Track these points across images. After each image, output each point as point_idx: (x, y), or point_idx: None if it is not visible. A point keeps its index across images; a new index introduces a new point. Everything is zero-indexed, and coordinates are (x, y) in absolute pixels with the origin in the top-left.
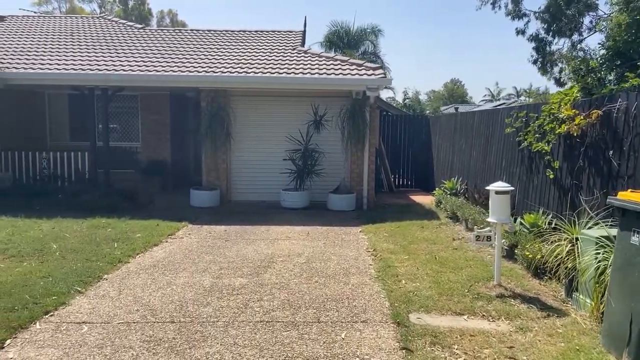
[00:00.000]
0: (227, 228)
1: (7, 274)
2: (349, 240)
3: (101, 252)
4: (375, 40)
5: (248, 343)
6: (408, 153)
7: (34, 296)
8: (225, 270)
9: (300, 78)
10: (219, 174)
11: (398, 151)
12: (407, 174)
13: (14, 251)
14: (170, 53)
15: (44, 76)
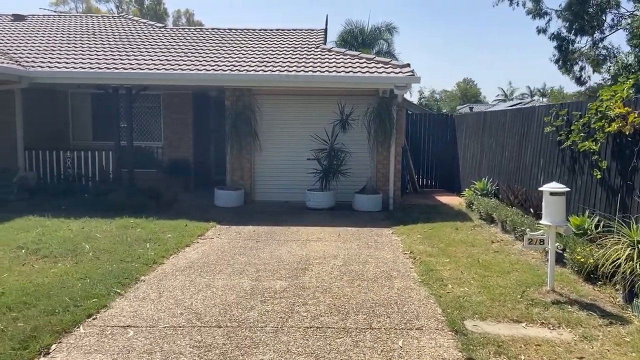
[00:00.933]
0: (256, 229)
1: (43, 276)
2: (382, 242)
3: (134, 252)
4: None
5: (302, 350)
6: (430, 152)
7: (74, 298)
8: (263, 273)
9: (327, 76)
10: (243, 174)
11: (420, 151)
12: (430, 174)
13: (46, 251)
14: (194, 52)
15: (70, 75)
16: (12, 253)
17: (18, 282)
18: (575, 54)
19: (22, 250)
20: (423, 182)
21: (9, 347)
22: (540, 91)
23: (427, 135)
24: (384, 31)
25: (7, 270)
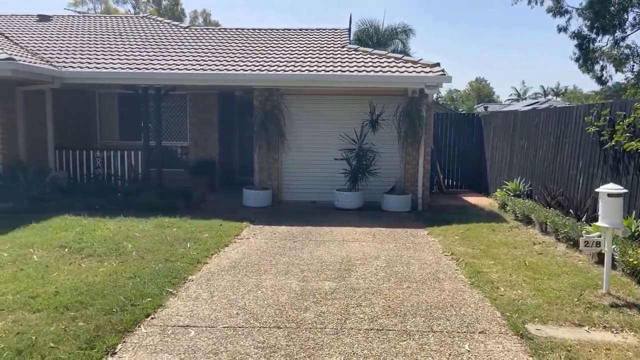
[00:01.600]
0: (290, 229)
1: (93, 275)
2: (419, 243)
3: (176, 252)
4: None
5: (368, 353)
6: (455, 153)
7: (129, 298)
8: (308, 273)
9: (358, 76)
10: (271, 174)
11: (443, 151)
12: (454, 175)
13: (90, 250)
14: (221, 52)
15: (102, 75)
16: (56, 252)
17: (69, 281)
18: (596, 52)
19: (65, 249)
20: (447, 182)
21: (76, 346)
22: (554, 90)
23: (451, 135)
24: (400, 32)
25: (56, 270)
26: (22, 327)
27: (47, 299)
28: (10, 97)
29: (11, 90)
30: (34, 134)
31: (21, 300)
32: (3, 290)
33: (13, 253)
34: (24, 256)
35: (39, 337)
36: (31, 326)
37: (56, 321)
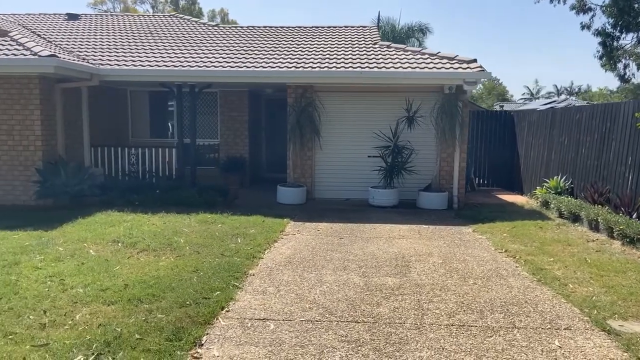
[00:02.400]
0: (332, 225)
1: (154, 269)
2: (468, 241)
3: (229, 247)
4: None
5: (457, 348)
6: (484, 150)
7: (198, 291)
8: (366, 269)
9: (394, 72)
10: (304, 171)
11: (473, 148)
12: (484, 172)
13: (143, 245)
14: (253, 49)
15: (139, 72)
16: (110, 246)
17: (134, 275)
18: (619, 50)
19: (118, 243)
20: (477, 180)
21: (162, 338)
22: (567, 90)
23: (480, 132)
24: (416, 30)
25: (117, 263)
26: (101, 319)
27: (118, 292)
28: (50, 94)
29: (51, 87)
30: (71, 131)
31: (92, 293)
32: (72, 283)
33: (69, 247)
34: (80, 250)
35: (123, 329)
36: (110, 318)
37: (133, 313)
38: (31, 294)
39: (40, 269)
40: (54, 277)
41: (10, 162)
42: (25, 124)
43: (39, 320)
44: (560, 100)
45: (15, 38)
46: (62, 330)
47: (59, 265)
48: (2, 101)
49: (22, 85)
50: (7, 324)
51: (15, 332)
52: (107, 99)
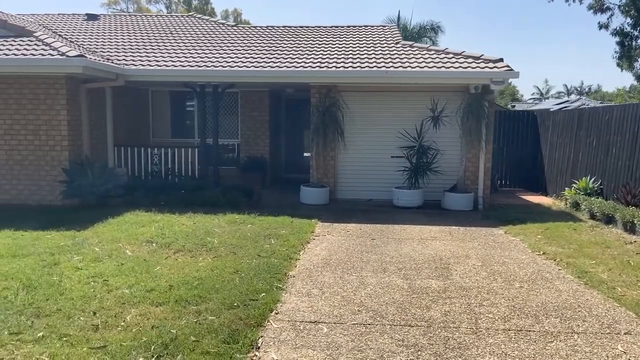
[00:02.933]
0: (360, 226)
1: (194, 269)
2: (502, 242)
3: (263, 248)
4: (434, 37)
5: (520, 354)
6: (505, 150)
7: (243, 292)
8: (406, 271)
9: (419, 72)
10: (327, 171)
11: (495, 148)
12: (504, 173)
13: (178, 245)
14: (275, 49)
15: (164, 72)
16: (145, 247)
17: (176, 276)
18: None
19: (153, 244)
20: (498, 181)
21: (219, 340)
22: (577, 89)
23: (501, 132)
24: (428, 29)
25: (157, 264)
26: (152, 320)
27: (164, 293)
28: (75, 95)
29: (76, 87)
30: (95, 131)
31: (139, 294)
32: (115, 284)
33: (105, 248)
34: (116, 251)
35: (177, 331)
36: (161, 320)
37: (183, 315)
38: (77, 295)
39: (81, 270)
40: (96, 277)
41: (36, 162)
42: (51, 124)
43: (90, 322)
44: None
45: (41, 38)
46: (115, 332)
47: (99, 265)
48: (29, 101)
49: (49, 85)
50: (59, 325)
51: (69, 334)
52: (129, 99)
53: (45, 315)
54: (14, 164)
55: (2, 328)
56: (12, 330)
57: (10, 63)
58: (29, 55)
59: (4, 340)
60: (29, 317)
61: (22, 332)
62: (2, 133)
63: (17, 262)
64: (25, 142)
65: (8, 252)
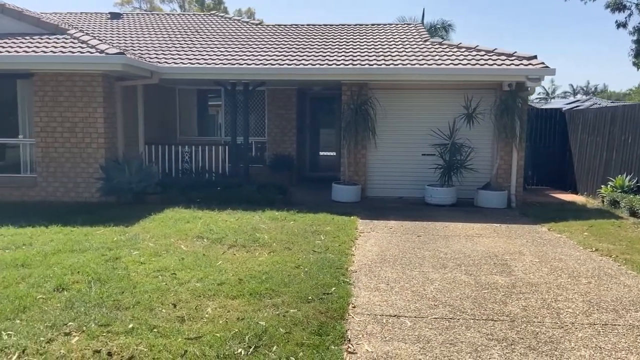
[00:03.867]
0: (401, 224)
1: (256, 264)
2: (549, 239)
3: (314, 244)
4: (445, 35)
5: (614, 347)
6: (531, 148)
7: (313, 287)
8: (466, 267)
9: (454, 69)
10: (358, 169)
11: None
12: (531, 171)
13: (230, 241)
14: (304, 47)
15: (197, 70)
16: (197, 242)
17: (241, 270)
18: None
19: (204, 239)
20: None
21: (308, 332)
22: (584, 89)
23: (527, 130)
24: (439, 28)
25: (216, 259)
26: (234, 313)
27: (236, 286)
28: (111, 92)
29: (112, 85)
30: (128, 128)
31: (211, 287)
32: (184, 277)
33: (158, 243)
34: (170, 246)
35: (265, 323)
36: (242, 312)
37: (262, 308)
38: (150, 288)
39: (144, 264)
40: (162, 271)
41: (72, 159)
42: (88, 122)
43: (174, 314)
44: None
45: (76, 36)
46: (201, 324)
47: (160, 260)
48: (65, 99)
49: (85, 82)
50: (145, 317)
51: (158, 325)
52: (157, 98)
53: (126, 307)
54: (50, 162)
55: (89, 320)
56: (100, 322)
57: (50, 60)
58: (67, 52)
59: (95, 331)
60: (110, 310)
61: (110, 323)
62: (38, 130)
63: (78, 256)
64: (62, 139)
65: (65, 247)
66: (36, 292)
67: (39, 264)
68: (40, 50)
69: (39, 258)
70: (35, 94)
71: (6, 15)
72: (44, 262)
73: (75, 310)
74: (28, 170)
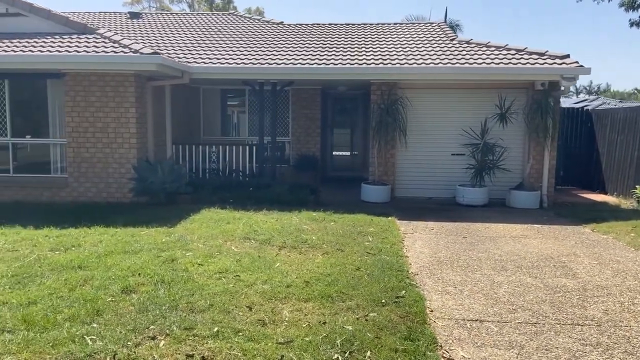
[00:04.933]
0: (441, 225)
1: (314, 266)
2: (597, 241)
3: (364, 245)
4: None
5: None
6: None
7: (382, 290)
8: (528, 269)
9: (488, 68)
10: (387, 169)
11: None
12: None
13: (279, 242)
14: (331, 46)
15: (227, 70)
16: (246, 243)
17: (302, 272)
18: None
19: (251, 240)
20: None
21: (399, 337)
22: (586, 88)
23: None
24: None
25: (273, 261)
26: (313, 316)
27: (304, 289)
28: (143, 92)
29: (143, 85)
30: (157, 128)
31: (280, 290)
32: (248, 279)
33: (208, 244)
34: (221, 247)
35: (352, 328)
36: (320, 315)
37: (340, 311)
38: (218, 290)
39: (202, 265)
40: (223, 273)
41: (104, 159)
42: (120, 122)
43: (252, 317)
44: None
45: (106, 35)
46: (284, 327)
47: (217, 261)
48: (97, 99)
49: (117, 82)
50: (225, 320)
51: (242, 329)
52: (182, 98)
53: (201, 310)
54: (81, 162)
55: (169, 323)
56: (181, 325)
57: (84, 60)
58: (101, 52)
59: (180, 335)
60: (187, 312)
61: (193, 327)
62: (69, 131)
63: (132, 258)
64: (94, 139)
65: (117, 249)
66: (104, 294)
67: (96, 266)
68: (72, 49)
69: (94, 259)
70: (66, 94)
71: (34, 14)
72: (100, 263)
73: (152, 313)
74: (59, 171)
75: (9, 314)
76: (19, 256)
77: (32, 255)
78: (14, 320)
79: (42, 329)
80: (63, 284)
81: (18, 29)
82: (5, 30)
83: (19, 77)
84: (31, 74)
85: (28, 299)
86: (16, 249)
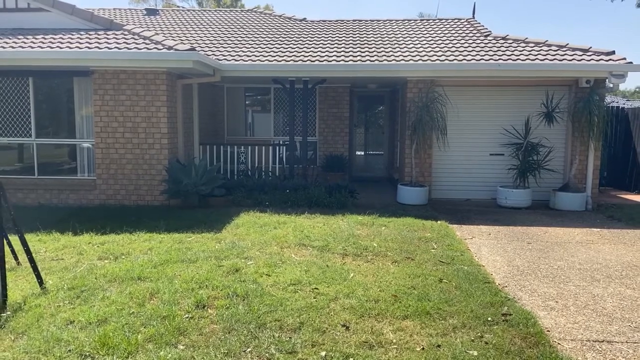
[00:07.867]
0: (496, 229)
1: (391, 277)
2: None
3: (432, 253)
4: None
5: None
6: None
7: (480, 305)
8: (621, 280)
9: (533, 64)
10: (423, 170)
11: None
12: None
13: (339, 249)
14: (361, 42)
15: (260, 67)
16: (304, 251)
17: (381, 284)
18: None
19: (307, 247)
20: None
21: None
22: None
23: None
24: None
25: (345, 270)
26: (421, 337)
27: (394, 304)
28: (173, 91)
29: (174, 83)
30: (185, 128)
31: (369, 306)
32: (328, 293)
33: (264, 252)
34: (280, 255)
35: (477, 352)
36: (428, 336)
37: (447, 332)
38: (300, 305)
39: (270, 276)
40: (297, 285)
41: (134, 160)
42: (151, 122)
43: (353, 338)
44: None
45: (134, 32)
46: (396, 351)
47: (284, 272)
48: (127, 97)
49: (148, 81)
50: (324, 341)
51: (351, 353)
52: (207, 96)
53: (293, 329)
54: (110, 163)
55: (266, 345)
56: (281, 348)
57: (115, 57)
58: (133, 49)
59: None
60: (278, 332)
61: (296, 350)
62: (98, 131)
63: (192, 268)
64: (123, 140)
65: (171, 257)
66: (178, 309)
67: (156, 277)
68: (103, 46)
69: (151, 269)
70: (95, 93)
71: (57, 9)
72: (160, 274)
73: (241, 333)
74: (86, 172)
75: (82, 335)
76: (67, 266)
77: (81, 264)
78: (91, 343)
79: (124, 352)
80: (129, 297)
81: (40, 25)
82: (27, 26)
83: (44, 75)
84: (57, 72)
85: (96, 316)
86: (61, 258)
